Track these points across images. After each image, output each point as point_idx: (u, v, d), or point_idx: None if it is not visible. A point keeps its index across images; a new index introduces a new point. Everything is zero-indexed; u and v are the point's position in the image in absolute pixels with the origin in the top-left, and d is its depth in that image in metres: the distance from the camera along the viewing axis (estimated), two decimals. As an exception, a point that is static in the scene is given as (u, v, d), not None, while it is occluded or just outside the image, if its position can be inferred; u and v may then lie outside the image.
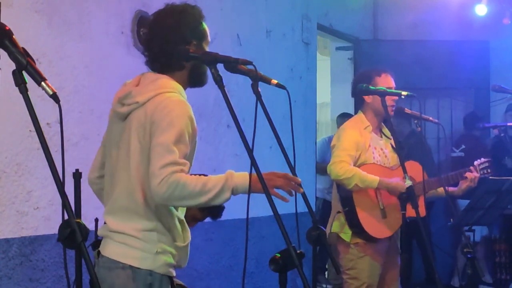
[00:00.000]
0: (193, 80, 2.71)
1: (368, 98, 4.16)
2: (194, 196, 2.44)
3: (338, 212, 4.14)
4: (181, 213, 2.68)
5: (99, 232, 2.68)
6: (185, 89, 2.71)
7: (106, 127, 2.80)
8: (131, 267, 2.54)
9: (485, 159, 4.34)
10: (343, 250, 4.17)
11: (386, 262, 4.19)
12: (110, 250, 2.59)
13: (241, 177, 2.48)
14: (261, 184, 2.25)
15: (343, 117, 7.78)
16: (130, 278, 2.53)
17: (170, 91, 2.57)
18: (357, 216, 4.05)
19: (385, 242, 4.18)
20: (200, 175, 2.58)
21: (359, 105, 4.33)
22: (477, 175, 4.23)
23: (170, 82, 2.63)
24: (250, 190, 2.46)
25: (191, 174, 2.63)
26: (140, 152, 2.55)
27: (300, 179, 2.49)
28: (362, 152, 4.09)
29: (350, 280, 4.16)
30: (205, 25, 2.72)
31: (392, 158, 4.24)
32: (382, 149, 4.22)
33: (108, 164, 2.71)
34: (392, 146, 4.27)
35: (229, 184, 2.46)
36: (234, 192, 2.48)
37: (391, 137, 4.31)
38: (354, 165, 4.05)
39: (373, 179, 4.00)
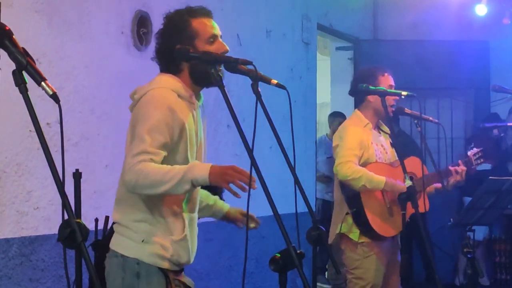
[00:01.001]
0: (197, 80, 2.71)
1: (371, 98, 4.15)
2: (155, 185, 2.47)
3: (347, 213, 4.11)
4: (184, 206, 2.68)
5: None
6: (196, 90, 2.73)
7: None
8: (122, 255, 2.61)
9: (478, 149, 4.34)
10: (350, 249, 4.15)
11: (389, 262, 4.19)
12: (111, 240, 2.68)
13: (202, 169, 2.47)
14: (261, 185, 2.25)
15: (335, 116, 7.83)
16: (120, 266, 2.61)
17: (160, 87, 2.63)
18: (365, 216, 4.04)
19: (389, 241, 4.18)
20: None
21: (358, 103, 4.33)
22: (464, 168, 4.22)
23: (165, 79, 2.67)
24: (250, 191, 2.46)
25: None
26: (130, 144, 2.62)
27: (254, 177, 2.43)
28: (365, 150, 4.10)
29: (355, 280, 4.15)
30: (198, 24, 2.69)
31: (392, 154, 4.26)
32: (383, 145, 4.24)
33: None
34: (391, 142, 4.28)
35: (188, 177, 2.46)
36: (194, 184, 2.48)
37: (389, 132, 4.32)
38: (358, 164, 4.05)
39: (380, 180, 4.00)
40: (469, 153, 4.33)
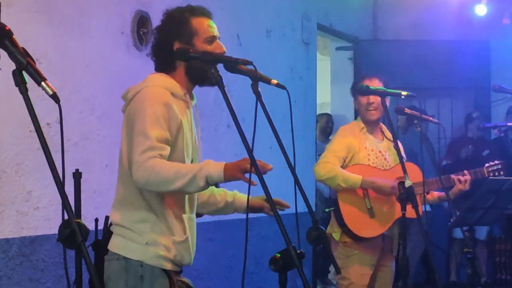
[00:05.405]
0: (193, 79, 2.71)
1: (355, 103, 4.29)
2: (168, 182, 2.45)
3: (330, 210, 4.19)
4: (186, 206, 2.68)
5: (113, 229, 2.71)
6: (190, 87, 2.73)
7: None
8: (124, 258, 2.59)
9: (498, 162, 4.26)
10: (333, 249, 4.14)
11: (378, 264, 4.18)
12: (111, 243, 2.65)
13: (217, 166, 2.45)
14: (262, 186, 2.25)
15: (321, 116, 7.97)
16: (123, 268, 2.58)
17: (152, 85, 2.62)
18: (341, 215, 4.08)
19: (377, 242, 4.15)
20: None
21: None
22: (468, 177, 4.17)
23: (158, 77, 2.67)
24: (249, 192, 2.45)
25: None
26: (127, 144, 2.61)
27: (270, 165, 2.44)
28: (355, 154, 4.11)
29: (340, 280, 4.19)
30: (197, 23, 2.69)
31: (393, 162, 4.21)
32: (381, 152, 4.21)
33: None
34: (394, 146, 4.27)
35: (203, 173, 2.44)
36: (209, 181, 2.45)
37: (391, 138, 4.30)
38: (343, 166, 4.09)
39: (356, 178, 4.04)
40: (486, 165, 4.23)
